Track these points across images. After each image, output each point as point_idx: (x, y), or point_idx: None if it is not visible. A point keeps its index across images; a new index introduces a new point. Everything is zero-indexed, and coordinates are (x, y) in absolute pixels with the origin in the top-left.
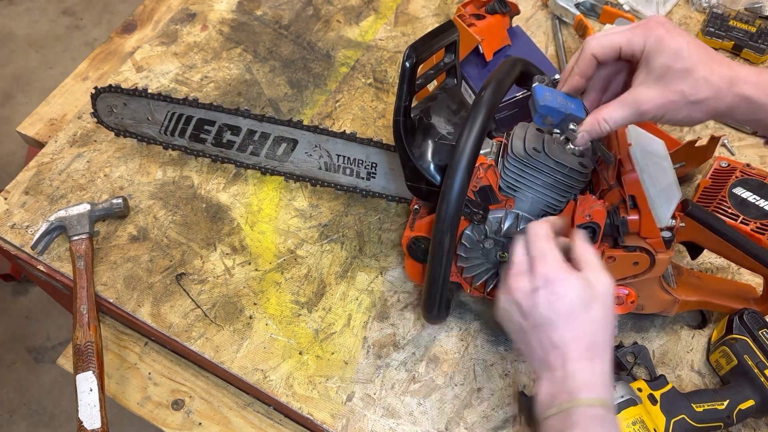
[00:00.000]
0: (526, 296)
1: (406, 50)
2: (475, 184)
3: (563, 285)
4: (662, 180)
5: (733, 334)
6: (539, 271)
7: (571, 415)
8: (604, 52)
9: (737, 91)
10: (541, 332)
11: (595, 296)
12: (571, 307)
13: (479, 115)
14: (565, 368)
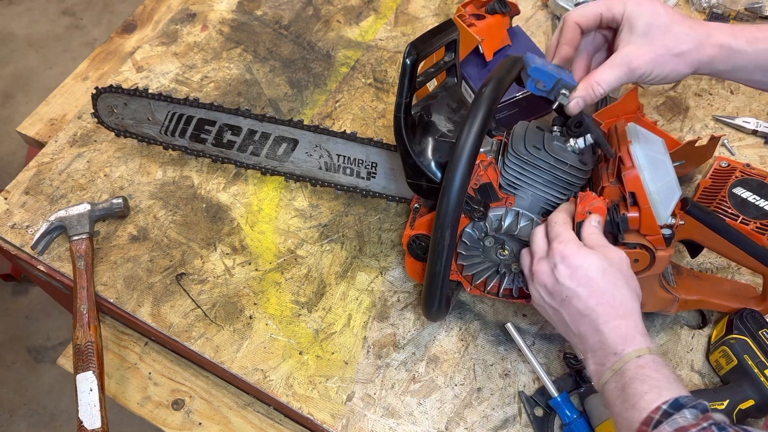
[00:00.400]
0: (548, 276)
1: (407, 47)
2: (475, 181)
3: (579, 257)
4: (662, 177)
5: (733, 333)
6: (556, 249)
7: (623, 373)
8: (587, 21)
9: (715, 41)
10: (568, 306)
11: (610, 262)
12: (589, 274)
13: (479, 112)
14: (600, 333)
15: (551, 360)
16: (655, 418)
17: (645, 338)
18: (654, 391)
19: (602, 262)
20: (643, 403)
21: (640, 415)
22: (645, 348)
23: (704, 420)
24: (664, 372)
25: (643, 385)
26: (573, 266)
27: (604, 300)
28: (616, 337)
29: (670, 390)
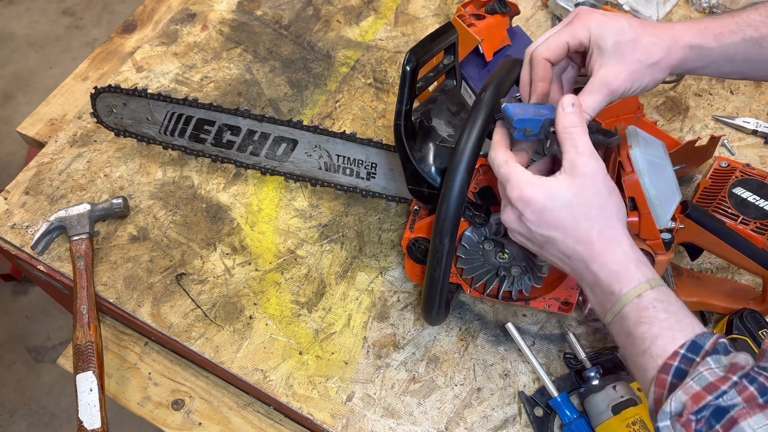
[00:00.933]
0: (518, 224)
1: (406, 54)
2: (475, 185)
3: (539, 198)
4: (662, 181)
5: (733, 334)
6: (512, 197)
7: (626, 316)
8: (554, 53)
9: (684, 43)
10: (550, 250)
11: (579, 187)
12: (557, 214)
13: (479, 117)
14: (590, 272)
15: (551, 360)
16: (674, 365)
17: (640, 268)
18: (665, 334)
19: (567, 192)
20: (655, 349)
21: (655, 362)
22: (643, 283)
23: (732, 372)
24: (671, 308)
25: (651, 328)
26: (537, 210)
27: (581, 237)
28: (608, 275)
29: (682, 331)
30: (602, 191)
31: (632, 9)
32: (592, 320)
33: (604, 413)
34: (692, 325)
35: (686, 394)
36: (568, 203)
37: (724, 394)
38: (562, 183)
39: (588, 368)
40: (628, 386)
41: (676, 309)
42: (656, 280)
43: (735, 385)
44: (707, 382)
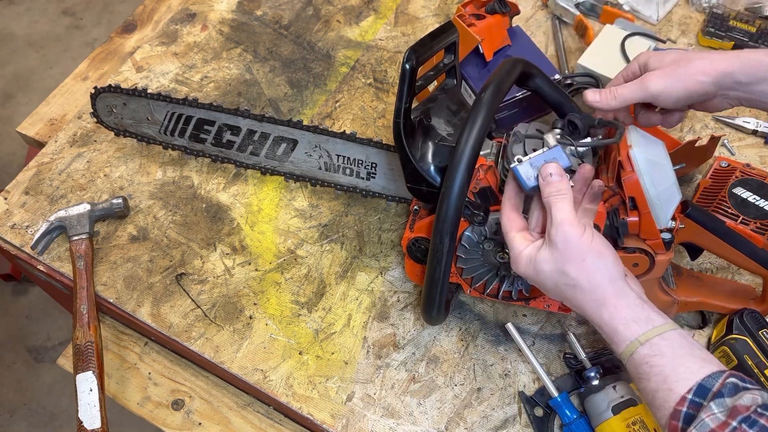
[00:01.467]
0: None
1: (406, 52)
2: (475, 185)
3: (530, 273)
4: (662, 181)
5: (733, 334)
6: (514, 265)
7: (630, 373)
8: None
9: (731, 55)
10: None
11: (556, 260)
12: (547, 286)
13: (479, 117)
14: (600, 324)
15: (551, 360)
16: (683, 411)
17: (628, 327)
18: (662, 387)
19: (547, 267)
20: (657, 401)
21: (661, 413)
22: (633, 342)
23: (732, 417)
24: (664, 360)
25: (649, 383)
26: (531, 280)
27: (572, 303)
28: (606, 335)
29: (677, 381)
30: (579, 259)
31: (632, 9)
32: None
33: (604, 413)
34: (691, 370)
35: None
36: (549, 276)
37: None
38: (543, 257)
39: (588, 368)
40: (628, 386)
41: (670, 360)
42: (647, 334)
43: (734, 430)
44: (708, 429)
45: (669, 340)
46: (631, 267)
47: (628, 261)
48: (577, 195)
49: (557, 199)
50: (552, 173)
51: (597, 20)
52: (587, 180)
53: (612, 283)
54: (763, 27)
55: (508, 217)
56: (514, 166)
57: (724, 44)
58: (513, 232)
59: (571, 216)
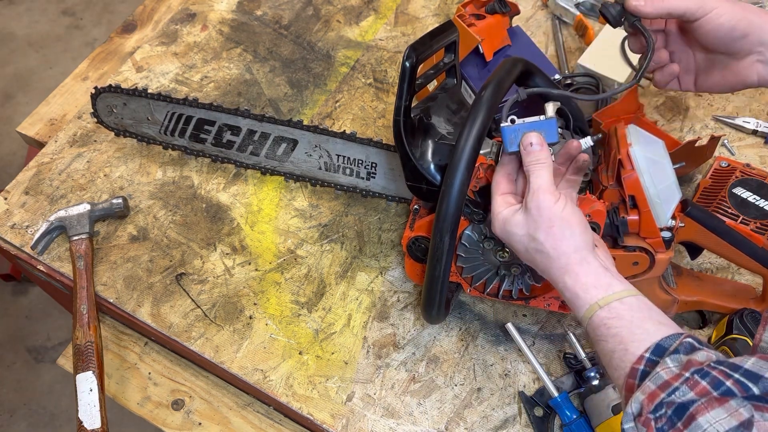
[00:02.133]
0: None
1: (406, 50)
2: (475, 184)
3: (503, 235)
4: (662, 180)
5: (733, 334)
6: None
7: (588, 337)
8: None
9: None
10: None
11: (528, 225)
12: (516, 247)
13: (479, 115)
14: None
15: (551, 360)
16: (640, 369)
17: (588, 292)
18: (618, 347)
19: (520, 231)
20: (615, 362)
21: (618, 373)
22: (592, 305)
23: (686, 369)
24: (622, 322)
25: (607, 345)
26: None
27: (540, 267)
28: (568, 300)
29: (634, 341)
30: (548, 226)
31: None
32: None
33: (604, 413)
34: (648, 331)
35: (643, 394)
36: (520, 240)
37: (676, 390)
38: (517, 220)
39: (588, 368)
40: None
41: (627, 322)
42: (607, 298)
43: (686, 380)
44: (662, 381)
45: (627, 305)
46: (631, 265)
47: (628, 260)
48: (560, 168)
49: (536, 167)
50: (532, 143)
51: (597, 20)
52: (571, 156)
53: (576, 252)
54: None
55: (496, 180)
56: (503, 126)
57: None
58: (497, 195)
59: (548, 184)
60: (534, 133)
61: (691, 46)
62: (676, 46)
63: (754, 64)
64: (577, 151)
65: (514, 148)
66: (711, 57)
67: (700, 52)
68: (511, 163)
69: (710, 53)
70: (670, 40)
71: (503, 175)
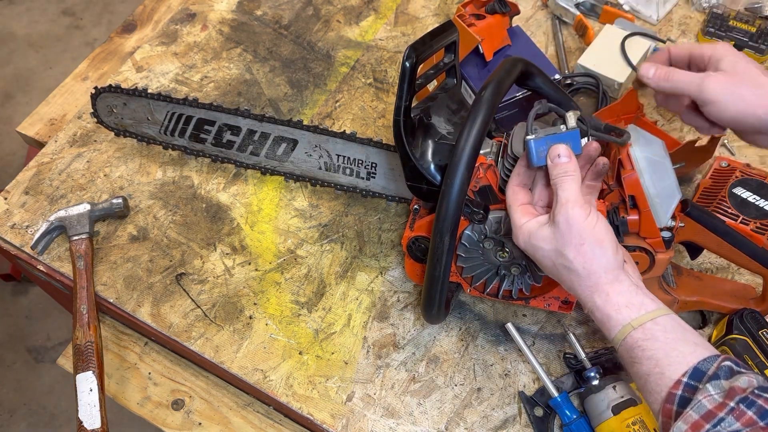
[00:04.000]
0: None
1: (406, 50)
2: (475, 183)
3: (529, 249)
4: (662, 180)
5: (733, 334)
6: (514, 240)
7: (622, 359)
8: (678, 50)
9: None
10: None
11: (557, 240)
12: (544, 263)
13: (479, 115)
14: (593, 310)
15: (551, 360)
16: (678, 394)
17: (620, 312)
18: (654, 371)
19: (547, 246)
20: (650, 386)
21: (654, 398)
22: (625, 326)
23: (730, 398)
24: (657, 344)
25: (641, 368)
26: (530, 255)
27: (567, 285)
28: (598, 320)
29: (671, 365)
30: (578, 244)
31: (632, 9)
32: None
33: (604, 413)
34: (684, 354)
35: (686, 423)
36: (547, 255)
37: (722, 421)
38: (544, 234)
39: (588, 368)
40: (628, 386)
41: (662, 344)
42: (640, 319)
43: (732, 411)
44: (705, 410)
45: (661, 325)
46: None
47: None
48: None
49: (564, 179)
50: (560, 154)
51: (597, 20)
52: (591, 158)
53: (607, 272)
54: (763, 27)
55: (513, 191)
56: (529, 139)
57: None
58: (516, 205)
59: (577, 197)
60: (562, 146)
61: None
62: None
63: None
64: (597, 153)
65: (542, 162)
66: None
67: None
68: (526, 173)
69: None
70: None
71: (519, 184)
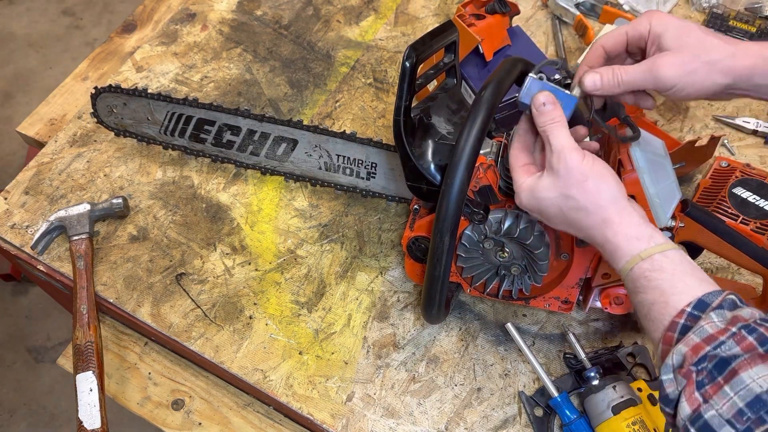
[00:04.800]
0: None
1: (406, 50)
2: (475, 184)
3: (533, 204)
4: (662, 180)
5: None
6: (517, 201)
7: (628, 288)
8: (612, 41)
9: (754, 52)
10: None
11: (558, 186)
12: (550, 212)
13: (479, 115)
14: (600, 249)
15: (551, 360)
16: (680, 322)
17: (630, 243)
18: (659, 299)
19: (550, 194)
20: (653, 314)
21: (655, 326)
22: (634, 257)
23: (732, 324)
24: (664, 275)
25: (646, 296)
26: (536, 212)
27: (576, 227)
28: (608, 253)
29: (675, 294)
30: (581, 182)
31: (632, 9)
32: (593, 320)
33: (604, 413)
34: (690, 286)
35: (687, 346)
36: (552, 203)
37: (722, 344)
38: (544, 184)
39: (588, 368)
40: (628, 386)
41: (669, 275)
42: (649, 250)
43: (733, 335)
44: (707, 334)
45: (670, 258)
46: None
47: None
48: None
49: (552, 127)
50: (545, 102)
51: (597, 20)
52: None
53: (615, 203)
54: (763, 27)
55: (514, 154)
56: (531, 76)
57: None
58: (517, 167)
59: (569, 142)
60: (546, 93)
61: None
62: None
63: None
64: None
65: (526, 101)
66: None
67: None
68: (526, 134)
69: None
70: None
71: (519, 148)
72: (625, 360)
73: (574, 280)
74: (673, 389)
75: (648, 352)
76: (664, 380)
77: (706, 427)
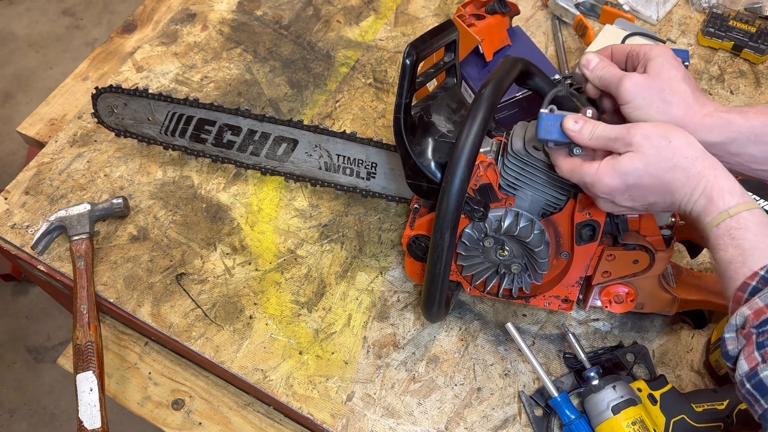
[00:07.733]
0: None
1: (407, 47)
2: (475, 182)
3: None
4: None
5: None
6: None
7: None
8: (618, 49)
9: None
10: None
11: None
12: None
13: (479, 113)
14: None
15: (551, 360)
16: (751, 284)
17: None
18: (737, 258)
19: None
20: (729, 272)
21: (729, 284)
22: (722, 212)
23: None
24: (748, 234)
25: (725, 254)
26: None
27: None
28: (697, 212)
29: (753, 256)
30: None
31: (632, 9)
32: (593, 320)
33: (604, 413)
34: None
35: (750, 309)
36: (645, 172)
37: None
38: (625, 160)
39: (588, 368)
40: (628, 386)
41: (753, 234)
42: (738, 207)
43: None
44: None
45: (757, 217)
46: (631, 263)
47: (628, 258)
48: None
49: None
50: (576, 121)
51: (597, 20)
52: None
53: (704, 154)
54: (763, 27)
55: (564, 162)
56: (542, 112)
57: (724, 44)
58: (576, 165)
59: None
60: (567, 117)
61: None
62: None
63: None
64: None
65: (546, 136)
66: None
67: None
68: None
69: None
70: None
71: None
72: (625, 360)
73: (574, 279)
74: (733, 347)
75: (648, 352)
76: (726, 338)
77: (761, 385)
